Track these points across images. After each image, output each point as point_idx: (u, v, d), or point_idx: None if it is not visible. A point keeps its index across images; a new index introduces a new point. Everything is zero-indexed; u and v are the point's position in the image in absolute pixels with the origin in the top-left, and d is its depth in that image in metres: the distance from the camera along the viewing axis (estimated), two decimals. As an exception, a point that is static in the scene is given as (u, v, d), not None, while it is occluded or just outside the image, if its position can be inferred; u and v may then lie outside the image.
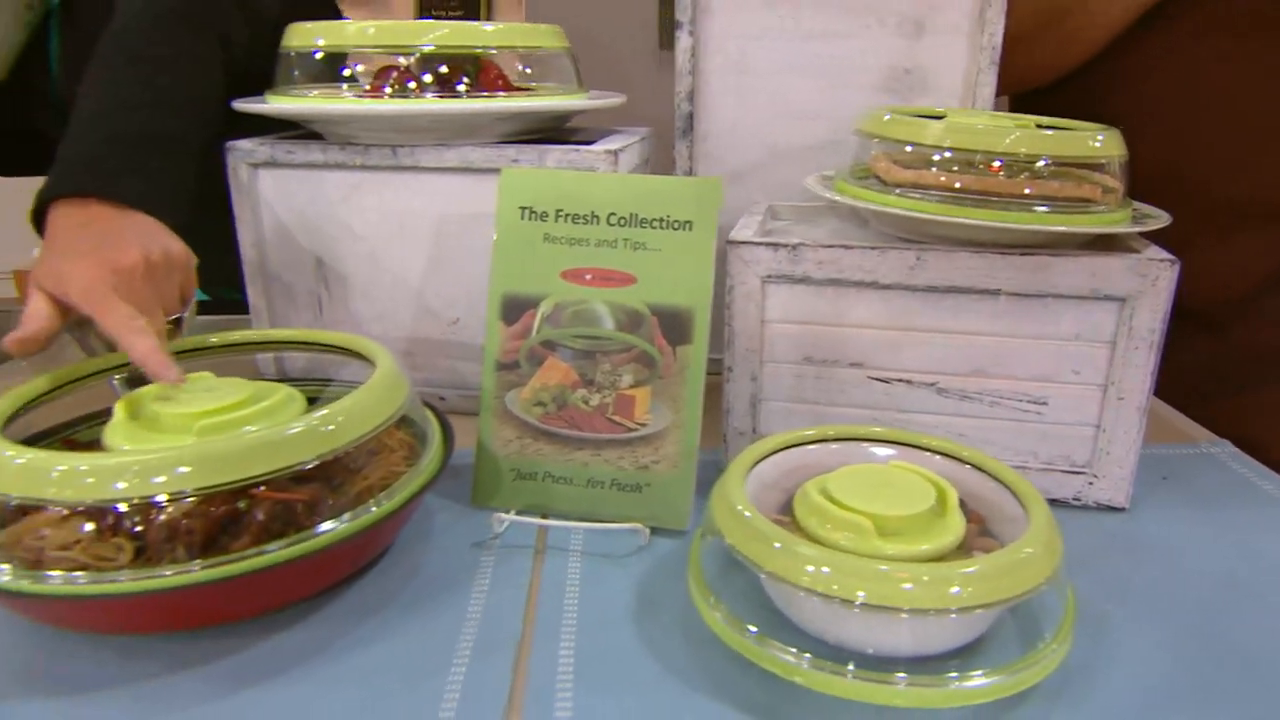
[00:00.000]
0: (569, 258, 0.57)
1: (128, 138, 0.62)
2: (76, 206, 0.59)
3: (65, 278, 0.53)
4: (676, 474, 0.56)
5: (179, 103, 0.66)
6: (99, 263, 0.54)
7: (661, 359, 0.56)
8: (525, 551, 0.53)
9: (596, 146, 0.65)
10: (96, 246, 0.55)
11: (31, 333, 0.53)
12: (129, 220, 0.58)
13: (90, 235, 0.57)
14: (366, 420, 0.49)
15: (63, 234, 0.58)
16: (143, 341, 0.51)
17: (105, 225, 0.57)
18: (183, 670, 0.43)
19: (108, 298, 0.52)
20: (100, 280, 0.53)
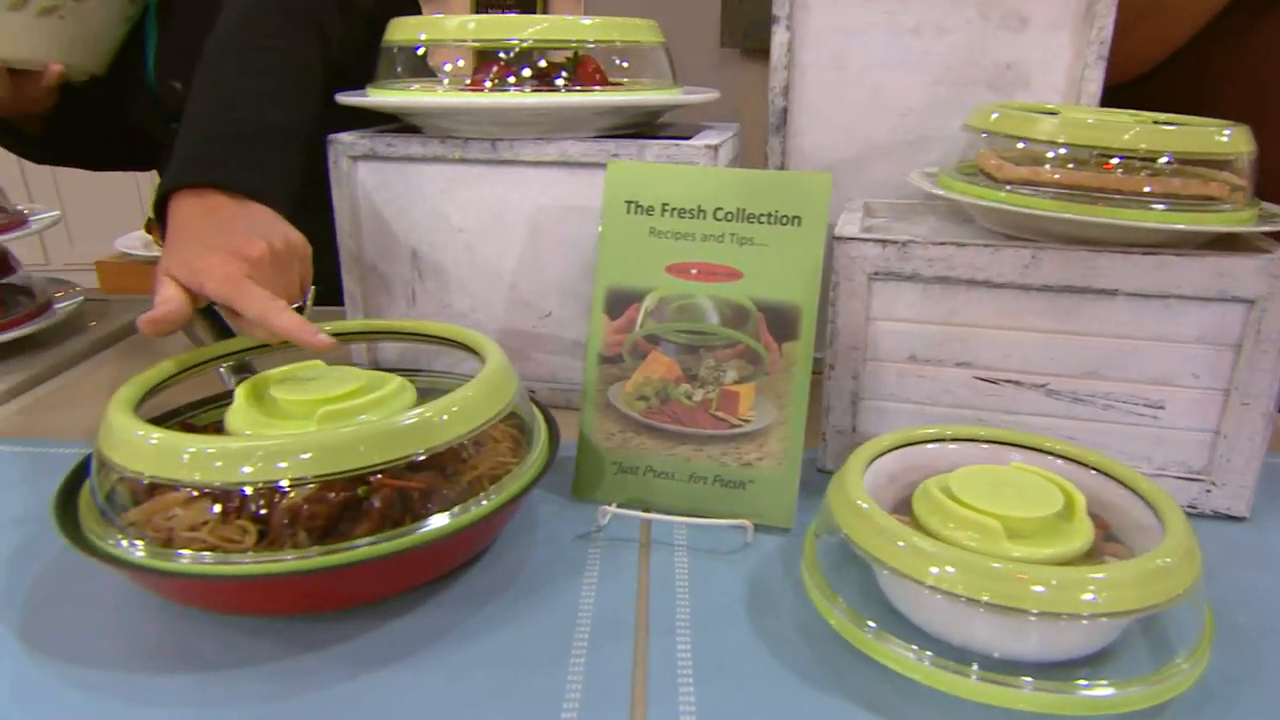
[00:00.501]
0: (674, 252, 0.57)
1: (243, 131, 0.64)
2: (197, 197, 0.60)
3: (201, 271, 0.55)
4: (781, 471, 0.55)
5: (286, 96, 0.68)
6: (230, 255, 0.56)
7: (767, 355, 0.55)
8: (630, 545, 0.53)
9: (695, 141, 0.65)
10: (224, 239, 0.57)
11: (164, 315, 0.55)
12: (247, 211, 0.60)
13: (214, 226, 0.58)
14: (480, 412, 0.49)
15: (187, 225, 0.59)
16: (286, 318, 0.53)
17: (226, 215, 0.59)
18: (306, 653, 0.44)
19: (244, 285, 0.54)
20: (236, 270, 0.55)
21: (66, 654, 0.43)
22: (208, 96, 0.66)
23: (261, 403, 0.52)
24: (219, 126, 0.64)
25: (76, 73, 0.85)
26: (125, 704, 0.40)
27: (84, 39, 0.85)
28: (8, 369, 0.80)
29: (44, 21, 0.80)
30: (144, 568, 0.43)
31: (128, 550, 0.44)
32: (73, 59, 0.83)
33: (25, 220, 0.88)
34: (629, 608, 0.47)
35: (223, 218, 0.59)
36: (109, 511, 0.46)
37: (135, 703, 0.40)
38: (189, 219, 0.59)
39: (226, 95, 0.66)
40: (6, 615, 0.46)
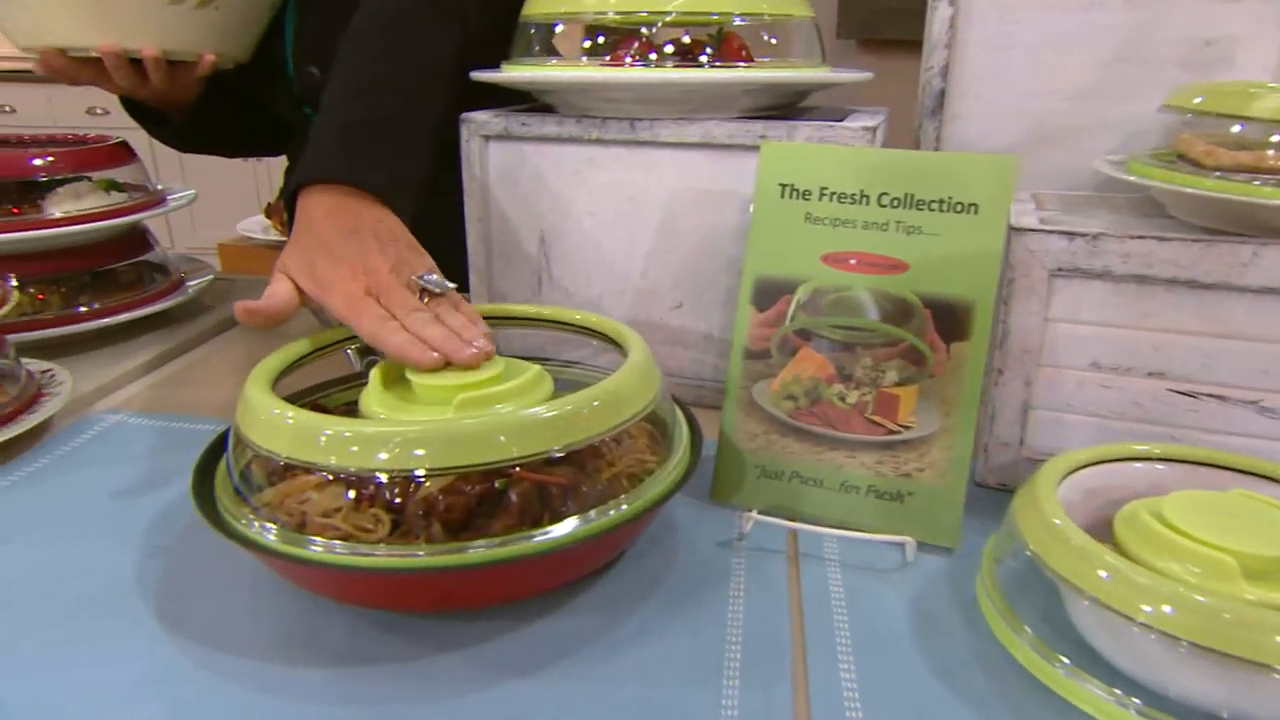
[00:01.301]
0: (832, 240, 0.52)
1: (373, 125, 0.63)
2: (324, 194, 0.59)
3: (325, 284, 0.54)
4: (945, 484, 0.50)
5: (417, 87, 0.67)
6: (355, 269, 0.54)
7: (933, 356, 0.50)
8: (776, 556, 0.49)
9: (850, 123, 0.60)
10: (348, 248, 0.55)
11: (267, 308, 0.54)
12: (372, 213, 0.58)
13: (339, 230, 0.56)
14: (624, 408, 0.46)
15: (313, 224, 0.58)
16: (396, 339, 0.50)
17: (351, 218, 0.57)
18: (439, 653, 0.42)
19: (361, 304, 0.53)
20: (358, 289, 0.53)
21: (201, 636, 0.42)
22: (338, 86, 0.65)
23: (397, 386, 0.50)
24: (346, 119, 0.63)
25: (225, 61, 0.86)
26: (258, 693, 0.39)
27: (235, 28, 0.86)
28: (143, 344, 0.81)
29: (200, 13, 0.81)
30: (277, 553, 0.41)
31: (260, 533, 0.42)
32: (224, 48, 0.84)
33: (164, 199, 0.90)
34: (782, 625, 0.43)
35: (347, 220, 0.57)
36: (244, 490, 0.44)
37: (268, 693, 0.39)
38: (315, 218, 0.58)
39: (355, 86, 0.65)
40: (144, 592, 0.45)
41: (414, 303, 0.54)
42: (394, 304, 0.53)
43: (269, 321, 0.54)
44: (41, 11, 0.77)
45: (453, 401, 0.46)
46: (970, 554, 0.49)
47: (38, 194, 0.81)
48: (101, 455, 0.60)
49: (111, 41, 0.78)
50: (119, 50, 0.78)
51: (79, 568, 0.47)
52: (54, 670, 0.40)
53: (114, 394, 0.72)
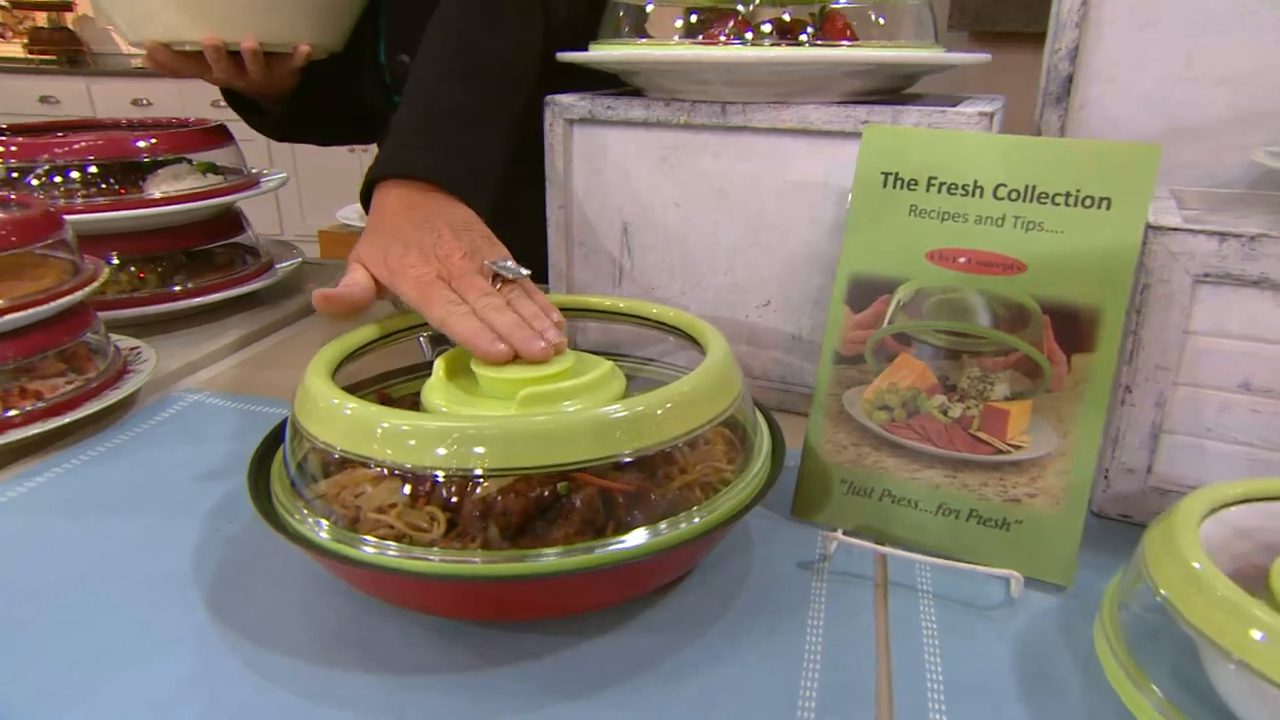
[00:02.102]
0: (939, 236, 0.47)
1: (449, 116, 0.62)
2: (400, 187, 0.58)
3: (396, 271, 0.53)
4: (1060, 514, 0.44)
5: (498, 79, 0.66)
6: (427, 254, 0.53)
7: (1051, 368, 0.45)
8: (862, 583, 0.44)
9: (965, 108, 0.55)
10: (421, 236, 0.54)
11: (344, 295, 0.53)
12: (446, 208, 0.57)
13: (412, 222, 0.56)
14: (700, 411, 0.42)
15: (387, 216, 0.57)
16: (464, 324, 0.48)
17: (425, 212, 0.56)
18: (490, 666, 0.39)
19: (432, 288, 0.51)
20: (429, 273, 0.52)
21: (250, 631, 0.41)
22: (417, 76, 0.64)
23: (461, 378, 0.47)
24: (423, 110, 0.62)
25: (320, 51, 0.87)
26: (301, 699, 0.37)
27: (329, 19, 0.86)
28: (230, 326, 0.82)
29: (295, 5, 0.82)
30: (328, 552, 0.39)
31: (313, 529, 0.40)
32: (318, 39, 0.85)
33: (257, 182, 0.91)
34: (865, 662, 0.39)
35: (420, 211, 0.56)
36: (299, 481, 0.42)
37: (311, 699, 0.37)
38: (389, 210, 0.57)
39: (432, 76, 0.64)
40: (199, 578, 0.44)
41: (486, 288, 0.52)
42: (466, 289, 0.51)
43: (345, 310, 0.53)
44: (146, 8, 0.80)
45: (516, 396, 0.43)
46: (1086, 594, 0.43)
47: (140, 175, 0.83)
48: (178, 434, 0.60)
49: (211, 35, 0.79)
50: (218, 43, 0.80)
51: (143, 550, 0.47)
52: (104, 664, 0.39)
53: (197, 373, 0.73)
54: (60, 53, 3.62)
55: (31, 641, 0.40)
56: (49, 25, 3.70)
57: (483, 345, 0.47)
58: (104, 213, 0.77)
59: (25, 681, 0.37)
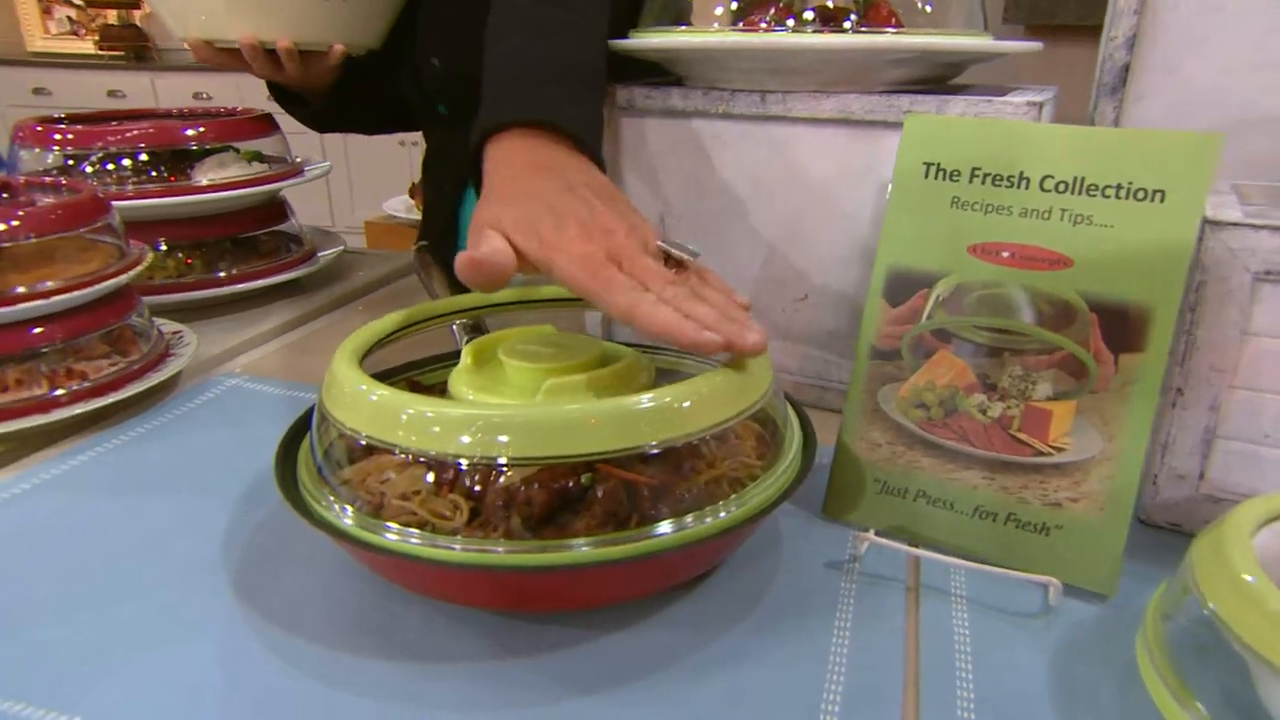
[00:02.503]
0: (982, 229, 0.45)
1: (558, 65, 0.56)
2: (520, 140, 0.51)
3: (552, 245, 0.45)
4: (1103, 520, 0.43)
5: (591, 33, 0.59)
6: (587, 228, 0.45)
7: (1098, 368, 0.43)
8: (893, 586, 0.43)
9: (1013, 98, 0.53)
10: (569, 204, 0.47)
11: (491, 264, 0.44)
12: (578, 164, 0.51)
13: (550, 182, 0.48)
14: (728, 403, 0.41)
15: (517, 175, 0.49)
16: (663, 315, 0.41)
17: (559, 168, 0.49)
18: (510, 657, 0.38)
19: (605, 271, 0.43)
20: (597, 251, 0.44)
21: (274, 615, 0.41)
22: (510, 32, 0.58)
23: (488, 367, 0.47)
24: (527, 61, 0.55)
25: (356, 50, 0.88)
26: (322, 685, 0.37)
27: (364, 20, 0.88)
28: (273, 311, 0.83)
29: (331, 7, 0.84)
30: (351, 538, 0.39)
31: (338, 515, 0.40)
32: (353, 39, 0.87)
33: (301, 170, 0.92)
34: (893, 668, 0.38)
35: (556, 172, 0.49)
36: (325, 467, 0.43)
37: (331, 685, 0.37)
38: (518, 168, 0.49)
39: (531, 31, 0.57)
40: (228, 561, 0.45)
41: (666, 273, 0.45)
42: (642, 273, 0.44)
43: (492, 279, 0.44)
44: (190, 5, 0.82)
45: (541, 387, 0.43)
46: (1129, 605, 0.41)
47: (188, 163, 0.84)
48: (217, 417, 0.61)
49: (248, 34, 0.81)
50: (255, 42, 0.82)
51: (176, 531, 0.47)
52: (131, 642, 0.39)
53: (239, 358, 0.74)
54: (128, 49, 3.74)
55: (63, 617, 0.40)
56: (119, 23, 3.82)
57: (691, 335, 0.40)
58: (153, 199, 0.79)
59: (55, 655, 0.38)
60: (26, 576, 0.43)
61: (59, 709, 0.35)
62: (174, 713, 0.35)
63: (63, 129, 0.80)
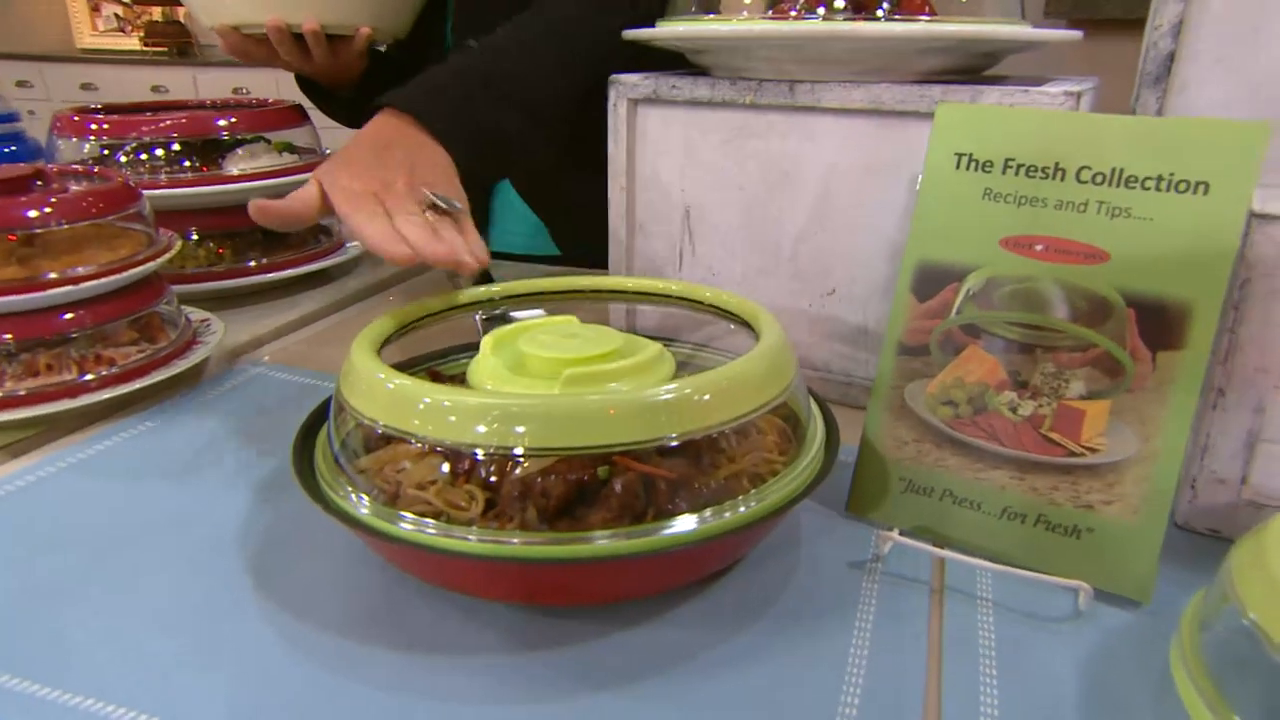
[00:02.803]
0: (1015, 221, 0.44)
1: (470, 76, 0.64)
2: (388, 117, 0.61)
3: (334, 183, 0.55)
4: (1137, 523, 0.41)
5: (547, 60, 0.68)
6: (365, 176, 0.55)
7: (1134, 366, 0.41)
8: (917, 587, 0.42)
9: (1050, 88, 0.51)
10: (370, 161, 0.57)
11: (281, 208, 0.55)
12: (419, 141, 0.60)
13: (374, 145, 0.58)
14: (749, 396, 0.41)
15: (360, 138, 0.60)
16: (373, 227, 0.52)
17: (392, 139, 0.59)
18: (521, 651, 0.38)
19: (357, 199, 0.54)
20: (363, 187, 0.55)
21: (287, 600, 0.41)
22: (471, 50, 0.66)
23: (507, 357, 0.46)
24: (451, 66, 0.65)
25: (383, 35, 0.89)
26: (330, 674, 0.36)
27: (390, 3, 0.87)
28: (301, 300, 0.84)
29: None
30: (365, 526, 0.39)
31: (354, 504, 0.40)
32: (380, 23, 0.87)
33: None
34: (914, 671, 0.36)
35: (387, 139, 0.59)
36: (342, 456, 0.42)
37: (340, 674, 0.36)
38: (366, 135, 0.60)
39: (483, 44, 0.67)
40: (245, 546, 0.45)
41: (411, 207, 0.54)
42: (392, 205, 0.54)
43: (282, 221, 0.56)
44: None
45: (560, 376, 0.42)
46: (1163, 612, 0.40)
47: (220, 153, 0.85)
48: (240, 404, 0.61)
49: (275, 16, 0.81)
50: (281, 24, 0.82)
51: (196, 515, 0.48)
52: (146, 624, 0.39)
53: (265, 347, 0.74)
54: (171, 45, 3.80)
55: (80, 598, 0.41)
56: (163, 19, 3.89)
57: (388, 247, 0.50)
58: (184, 188, 0.80)
59: (70, 636, 0.38)
60: (48, 558, 0.44)
61: (71, 690, 0.35)
62: (183, 696, 0.35)
63: (99, 119, 0.81)
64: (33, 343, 0.58)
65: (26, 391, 0.57)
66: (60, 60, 3.80)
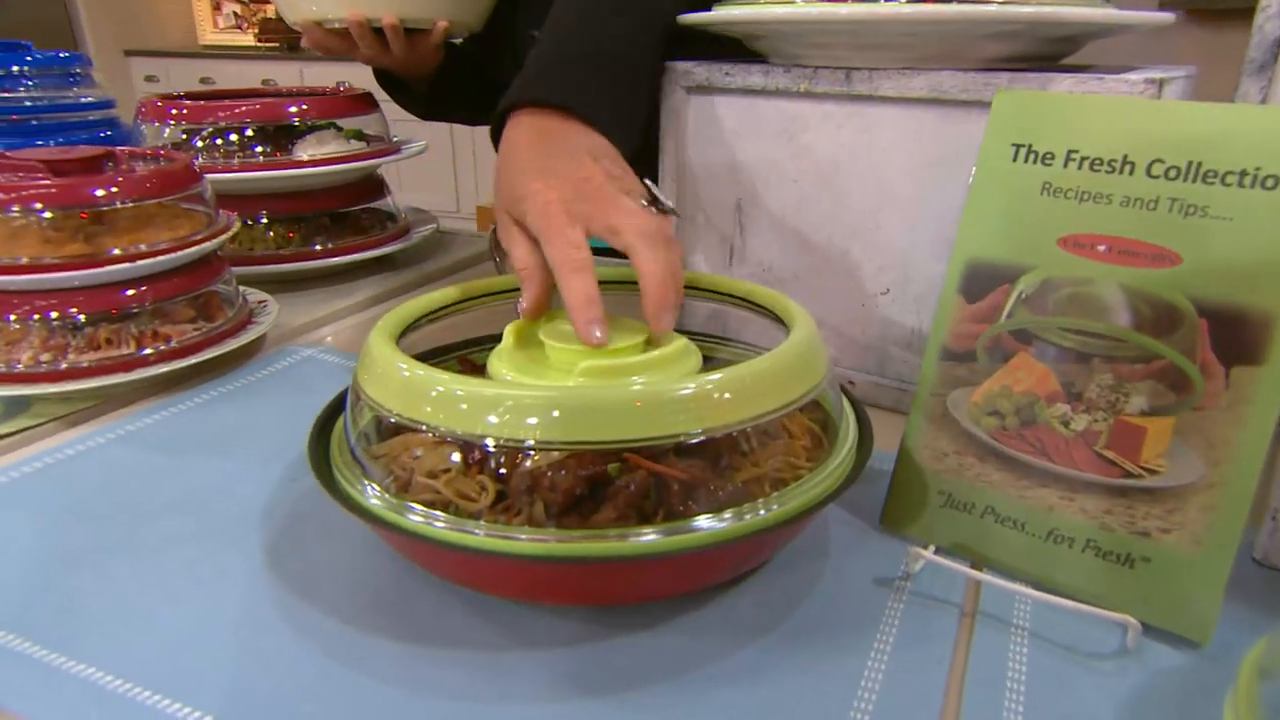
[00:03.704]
0: (1076, 219, 0.40)
1: (598, 55, 0.57)
2: (536, 117, 0.53)
3: (522, 198, 0.47)
4: (1200, 556, 0.37)
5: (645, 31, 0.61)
6: (554, 178, 0.47)
7: (1204, 382, 0.37)
8: (947, 610, 0.39)
9: (1131, 75, 0.47)
10: (549, 161, 0.49)
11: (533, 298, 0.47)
12: (586, 139, 0.52)
13: (544, 150, 0.51)
14: (771, 395, 0.38)
15: (516, 148, 0.52)
16: (580, 282, 0.43)
17: (559, 139, 0.51)
18: (521, 649, 0.37)
19: (558, 220, 0.45)
20: (556, 198, 0.46)
21: (295, 582, 0.41)
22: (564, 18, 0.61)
23: (529, 348, 0.45)
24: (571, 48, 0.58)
25: (459, 29, 0.89)
26: (327, 656, 0.36)
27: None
28: (364, 285, 0.85)
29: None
30: (372, 515, 0.38)
31: (363, 492, 0.39)
32: (457, 16, 0.88)
33: (399, 149, 0.94)
34: (931, 701, 0.34)
35: (557, 140, 0.51)
36: (357, 444, 0.42)
37: (340, 661, 0.36)
38: (518, 140, 0.52)
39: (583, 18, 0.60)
40: (266, 525, 0.45)
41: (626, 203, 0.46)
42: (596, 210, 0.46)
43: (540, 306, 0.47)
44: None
45: (576, 368, 0.41)
46: (1223, 657, 0.36)
47: (291, 139, 0.87)
48: (286, 386, 0.62)
49: (356, 11, 0.83)
50: (362, 19, 0.84)
51: (224, 492, 0.48)
52: (158, 596, 0.40)
53: (320, 330, 0.76)
54: (282, 40, 3.96)
55: (102, 567, 0.42)
56: (275, 16, 4.06)
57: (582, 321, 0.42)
58: (254, 172, 0.82)
59: (86, 603, 0.39)
60: (81, 526, 0.45)
61: (76, 657, 0.36)
62: (182, 671, 0.35)
63: (179, 105, 0.84)
64: (98, 316, 0.60)
65: (89, 364, 0.59)
66: (184, 56, 4.01)
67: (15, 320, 0.59)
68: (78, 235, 0.60)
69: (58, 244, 0.58)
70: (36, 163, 0.60)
